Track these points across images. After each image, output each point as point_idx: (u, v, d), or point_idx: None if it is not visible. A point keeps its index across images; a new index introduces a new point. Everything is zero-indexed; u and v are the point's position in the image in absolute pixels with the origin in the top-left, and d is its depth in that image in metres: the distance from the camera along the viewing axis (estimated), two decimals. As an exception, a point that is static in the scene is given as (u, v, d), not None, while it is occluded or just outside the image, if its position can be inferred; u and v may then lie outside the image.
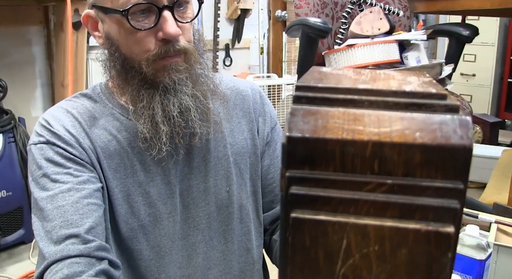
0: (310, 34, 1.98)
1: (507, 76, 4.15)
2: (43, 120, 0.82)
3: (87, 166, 0.80)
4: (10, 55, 2.55)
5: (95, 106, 0.86)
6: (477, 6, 1.86)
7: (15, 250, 2.26)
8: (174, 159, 0.84)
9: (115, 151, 0.82)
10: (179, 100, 0.80)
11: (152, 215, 0.84)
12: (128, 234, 0.83)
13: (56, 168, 0.78)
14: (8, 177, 2.19)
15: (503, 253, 0.86)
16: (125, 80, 0.82)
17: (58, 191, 0.77)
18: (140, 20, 0.77)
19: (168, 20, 0.76)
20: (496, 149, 2.83)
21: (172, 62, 0.79)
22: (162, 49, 0.77)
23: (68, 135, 0.80)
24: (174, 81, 0.79)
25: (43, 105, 2.70)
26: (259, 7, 3.64)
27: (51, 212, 0.76)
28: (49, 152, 0.79)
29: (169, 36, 0.76)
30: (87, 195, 0.77)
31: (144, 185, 0.84)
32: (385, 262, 0.32)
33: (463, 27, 2.31)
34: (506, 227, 0.96)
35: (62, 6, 2.34)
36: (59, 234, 0.74)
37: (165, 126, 0.80)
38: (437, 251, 0.31)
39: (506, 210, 1.21)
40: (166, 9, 0.76)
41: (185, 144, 0.84)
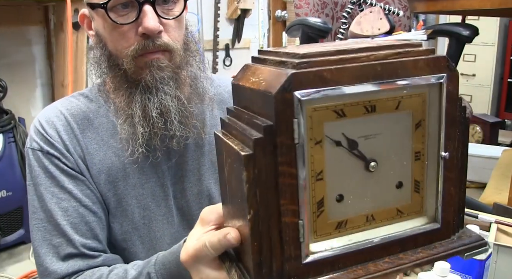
0: (310, 34, 1.98)
1: (507, 76, 4.15)
2: (38, 123, 0.84)
3: (79, 177, 0.81)
4: (10, 55, 2.55)
5: (90, 106, 0.86)
6: (477, 6, 1.86)
7: (15, 250, 2.26)
8: (169, 161, 0.84)
9: (106, 155, 0.82)
10: (160, 100, 0.77)
11: (146, 217, 0.84)
12: (122, 236, 0.84)
13: (51, 180, 0.80)
14: (8, 177, 2.19)
15: (503, 253, 0.86)
16: (112, 78, 0.82)
17: (54, 203, 0.78)
18: (122, 15, 0.75)
19: (147, 14, 0.74)
20: (496, 149, 2.82)
21: (153, 58, 0.76)
22: (141, 44, 0.75)
23: (60, 142, 0.81)
24: (155, 79, 0.77)
25: (43, 105, 2.70)
26: (259, 7, 3.64)
27: (51, 225, 0.78)
28: (44, 162, 0.80)
29: (147, 30, 0.74)
30: (82, 206, 0.79)
31: (137, 187, 0.83)
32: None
33: (463, 27, 2.30)
34: (506, 227, 0.96)
35: (62, 6, 2.34)
36: (64, 253, 0.77)
37: (142, 128, 0.78)
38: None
39: (506, 210, 1.21)
40: (147, 3, 0.75)
41: (163, 146, 0.82)
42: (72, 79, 2.39)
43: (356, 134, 0.45)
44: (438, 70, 0.46)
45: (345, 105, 0.43)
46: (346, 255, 0.46)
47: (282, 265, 0.44)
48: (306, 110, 0.42)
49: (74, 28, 2.37)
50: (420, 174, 0.49)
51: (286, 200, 0.43)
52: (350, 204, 0.47)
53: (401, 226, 0.49)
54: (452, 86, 0.47)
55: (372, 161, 0.46)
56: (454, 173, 0.49)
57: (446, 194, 0.49)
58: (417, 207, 0.50)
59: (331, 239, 0.46)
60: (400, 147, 0.48)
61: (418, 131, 0.48)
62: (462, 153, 0.50)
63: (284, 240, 0.43)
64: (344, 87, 0.43)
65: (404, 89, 0.45)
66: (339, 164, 0.45)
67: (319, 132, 0.43)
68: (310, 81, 0.41)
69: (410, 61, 0.45)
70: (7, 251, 2.24)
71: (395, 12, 2.11)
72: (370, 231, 0.48)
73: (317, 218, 0.45)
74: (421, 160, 0.48)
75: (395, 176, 0.48)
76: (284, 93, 0.40)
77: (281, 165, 0.42)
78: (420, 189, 0.49)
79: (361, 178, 0.47)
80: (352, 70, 0.43)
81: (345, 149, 0.45)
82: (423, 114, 0.47)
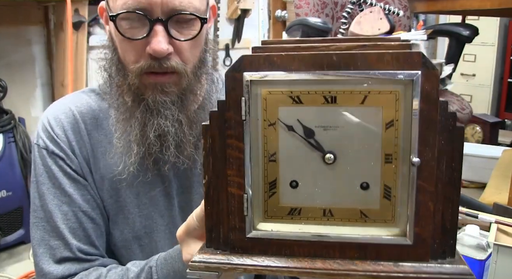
0: (310, 34, 1.98)
1: (507, 76, 4.15)
2: (46, 119, 0.82)
3: (81, 181, 0.80)
4: (10, 55, 2.55)
5: (101, 104, 0.83)
6: (477, 6, 1.86)
7: (15, 250, 2.25)
8: (176, 171, 0.81)
9: (111, 161, 0.80)
10: (159, 123, 0.74)
11: (148, 227, 0.82)
12: (122, 244, 0.83)
13: (53, 181, 0.79)
14: (8, 177, 2.19)
15: (503, 253, 0.85)
16: (117, 83, 0.79)
17: (54, 205, 0.78)
18: (134, 27, 0.71)
19: (157, 35, 0.69)
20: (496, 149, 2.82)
21: (158, 81, 0.73)
22: (147, 63, 0.72)
23: (66, 142, 0.80)
24: (157, 102, 0.73)
25: (43, 105, 2.70)
26: (259, 7, 3.64)
27: (50, 225, 0.78)
28: (48, 161, 0.79)
29: (154, 53, 0.70)
30: (81, 212, 0.79)
31: (141, 196, 0.81)
32: None
33: (463, 27, 2.30)
34: (506, 227, 0.96)
35: (62, 6, 2.34)
36: (60, 256, 0.77)
37: (137, 146, 0.75)
38: None
39: (506, 210, 1.21)
40: (158, 22, 0.69)
41: (155, 168, 0.79)
42: (72, 79, 2.38)
43: (314, 123, 0.45)
44: (409, 67, 0.42)
45: (301, 93, 0.45)
46: (294, 243, 0.46)
47: (227, 233, 0.48)
48: (260, 92, 0.45)
49: (74, 28, 2.37)
50: (391, 179, 0.45)
51: (232, 171, 0.47)
52: (305, 192, 0.47)
53: (363, 231, 0.46)
54: (429, 86, 0.42)
55: (329, 153, 0.45)
56: (432, 185, 0.44)
57: (420, 207, 0.44)
58: (387, 215, 0.46)
59: (281, 223, 0.48)
60: (366, 145, 0.45)
61: (390, 131, 0.44)
62: (448, 166, 0.44)
63: (229, 209, 0.47)
64: (293, 73, 0.44)
65: (364, 83, 0.43)
66: (294, 150, 0.46)
67: (273, 115, 0.46)
68: (260, 64, 0.44)
69: (373, 54, 0.43)
70: (7, 251, 2.24)
71: (395, 12, 2.11)
72: (326, 227, 0.47)
73: (268, 198, 0.47)
74: (393, 164, 0.45)
75: (359, 175, 0.46)
76: (234, 72, 0.45)
77: (229, 137, 0.46)
78: (391, 196, 0.45)
79: (318, 169, 0.46)
80: (303, 57, 0.44)
81: (299, 135, 0.45)
82: (396, 113, 0.44)
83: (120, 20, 0.71)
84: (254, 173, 0.46)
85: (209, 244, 0.49)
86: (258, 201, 0.48)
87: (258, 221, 0.48)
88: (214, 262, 0.48)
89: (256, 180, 0.47)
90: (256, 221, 0.48)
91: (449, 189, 0.45)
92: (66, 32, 2.33)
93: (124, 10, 0.70)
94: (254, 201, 0.47)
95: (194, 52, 0.75)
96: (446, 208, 0.45)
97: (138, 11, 0.69)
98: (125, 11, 0.70)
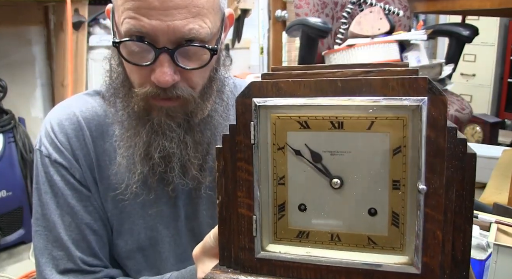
0: (310, 34, 1.98)
1: (507, 76, 4.15)
2: (49, 125, 0.79)
3: (83, 192, 0.78)
4: (10, 55, 2.55)
5: (107, 109, 0.79)
6: (477, 6, 1.86)
7: (15, 250, 2.25)
8: (183, 187, 0.78)
9: (117, 172, 0.76)
10: (164, 145, 0.71)
11: (153, 238, 0.81)
12: (126, 255, 0.82)
13: (56, 191, 0.77)
14: (8, 177, 2.19)
15: (503, 253, 0.85)
16: (122, 97, 0.75)
17: (57, 215, 0.77)
18: (139, 52, 0.67)
19: (162, 65, 0.65)
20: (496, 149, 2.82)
21: (164, 105, 0.70)
22: (153, 91, 0.68)
23: (69, 150, 0.77)
24: (162, 125, 0.71)
25: (43, 105, 2.70)
26: (259, 7, 3.64)
27: (53, 235, 0.77)
28: (50, 170, 0.77)
29: (159, 84, 0.66)
30: (83, 224, 0.77)
31: (146, 207, 0.79)
32: None
33: (463, 27, 2.30)
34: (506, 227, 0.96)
35: (62, 6, 2.34)
36: (64, 267, 0.76)
37: (141, 166, 0.73)
38: None
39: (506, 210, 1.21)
40: (164, 52, 0.64)
41: (158, 188, 0.77)
42: (72, 79, 2.38)
43: (321, 148, 0.46)
44: (415, 93, 0.42)
45: (309, 118, 0.46)
46: (301, 266, 0.47)
47: (238, 253, 0.49)
48: (269, 117, 0.47)
49: (74, 28, 2.37)
50: (399, 205, 0.44)
51: (242, 193, 0.48)
52: (313, 216, 0.47)
53: (371, 257, 0.46)
54: (436, 112, 0.41)
55: (336, 178, 0.46)
56: (440, 214, 0.43)
57: (428, 236, 0.43)
58: (396, 242, 0.45)
59: (289, 245, 0.48)
60: (373, 170, 0.45)
61: (397, 158, 0.44)
62: (458, 195, 0.43)
63: (240, 229, 0.48)
64: (299, 99, 0.45)
65: (370, 109, 0.43)
66: (302, 174, 0.47)
67: (282, 139, 0.47)
68: (267, 91, 0.46)
69: (378, 80, 0.43)
70: (7, 251, 2.24)
71: (395, 12, 2.11)
72: (334, 251, 0.47)
73: (277, 220, 0.48)
74: (400, 190, 0.44)
75: (366, 201, 0.45)
76: (244, 98, 0.47)
77: (239, 160, 0.47)
78: (399, 223, 0.45)
79: (325, 193, 0.46)
80: (309, 83, 0.45)
81: (306, 160, 0.46)
82: (403, 139, 0.43)
83: (125, 43, 0.67)
84: (263, 196, 0.48)
85: (222, 263, 0.51)
86: (267, 223, 0.49)
87: (267, 243, 0.49)
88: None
89: (265, 202, 0.48)
90: (265, 242, 0.49)
91: (459, 219, 0.44)
92: (66, 32, 2.33)
93: (127, 36, 0.65)
94: (263, 223, 0.48)
95: (204, 75, 0.72)
96: (457, 238, 0.44)
97: (142, 36, 0.64)
98: (128, 40, 0.65)
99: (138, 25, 0.63)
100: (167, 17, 0.62)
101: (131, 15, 0.63)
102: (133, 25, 0.63)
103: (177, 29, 0.63)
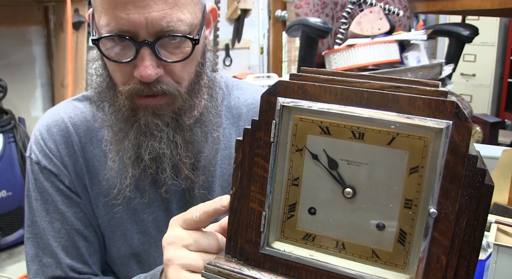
0: (310, 34, 1.98)
1: (507, 76, 4.15)
2: (39, 131, 0.79)
3: (73, 198, 0.77)
4: (10, 55, 2.55)
5: (96, 113, 0.78)
6: (477, 6, 1.86)
7: (15, 250, 2.26)
8: (176, 188, 0.77)
9: (108, 177, 0.75)
10: (153, 146, 0.70)
11: (146, 243, 0.80)
12: (120, 261, 0.81)
13: (46, 197, 0.77)
14: (8, 177, 2.19)
15: (503, 253, 0.85)
16: (109, 101, 0.74)
17: (47, 222, 0.77)
18: (119, 49, 0.66)
19: (144, 60, 0.64)
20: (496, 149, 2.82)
21: (150, 104, 0.68)
22: (136, 87, 0.67)
23: (58, 156, 0.77)
24: (149, 125, 0.69)
25: (43, 105, 2.70)
26: (259, 7, 3.64)
27: (44, 242, 0.77)
28: (40, 177, 0.77)
29: (142, 79, 0.65)
30: (73, 230, 0.77)
31: (138, 212, 0.79)
32: None
33: (463, 27, 2.31)
34: (506, 227, 0.96)
35: (62, 6, 2.34)
36: (52, 275, 0.76)
37: (132, 169, 0.72)
38: None
39: (506, 210, 1.21)
40: (145, 46, 0.64)
41: (152, 190, 0.76)
42: (72, 79, 2.39)
43: (339, 155, 0.46)
44: (441, 115, 0.41)
45: (330, 124, 0.45)
46: (303, 267, 0.47)
47: (244, 245, 0.50)
48: (292, 118, 0.47)
49: (74, 28, 2.37)
50: (408, 225, 0.44)
51: (256, 188, 0.48)
52: (321, 221, 0.48)
53: (372, 270, 0.45)
54: (459, 138, 0.41)
55: (349, 187, 0.46)
56: (447, 240, 0.42)
57: (432, 259, 0.43)
58: (399, 260, 0.45)
59: (294, 246, 0.49)
60: (387, 186, 0.44)
61: (413, 177, 0.43)
62: (469, 224, 0.42)
63: (249, 223, 0.49)
64: (324, 104, 0.45)
65: (392, 124, 0.43)
66: (316, 178, 0.47)
67: (301, 141, 0.47)
68: (293, 91, 0.46)
69: (405, 97, 0.42)
70: (7, 251, 2.24)
71: (395, 12, 2.11)
72: (337, 259, 0.47)
73: (286, 219, 0.49)
74: (412, 210, 0.44)
75: (376, 215, 0.45)
76: (269, 96, 0.47)
77: (257, 156, 0.48)
78: (405, 242, 0.45)
79: (336, 201, 0.46)
80: (335, 90, 0.45)
81: (322, 165, 0.46)
82: (422, 160, 0.43)
83: (105, 40, 0.66)
84: (275, 193, 0.48)
85: (228, 251, 0.52)
86: (276, 220, 0.49)
87: (273, 239, 0.49)
88: (227, 269, 0.50)
89: (276, 200, 0.49)
90: (271, 239, 0.49)
91: (466, 247, 0.43)
92: (66, 32, 2.33)
93: (107, 33, 0.64)
94: (272, 220, 0.49)
95: (188, 69, 0.70)
96: (461, 266, 0.43)
97: (122, 34, 0.64)
98: (108, 35, 0.64)
99: (118, 24, 0.63)
100: (144, 9, 0.62)
101: (109, 13, 0.63)
102: (113, 26, 0.64)
103: (155, 21, 0.63)
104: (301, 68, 0.49)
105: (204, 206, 0.55)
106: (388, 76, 0.45)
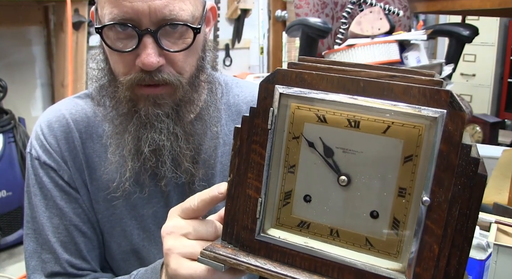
0: (310, 34, 1.98)
1: (507, 76, 4.15)
2: (39, 127, 0.79)
3: (72, 194, 0.78)
4: (10, 55, 2.55)
5: (97, 109, 0.79)
6: (477, 6, 1.86)
7: (15, 250, 2.26)
8: (176, 181, 0.77)
9: (108, 171, 0.75)
10: (153, 137, 0.70)
11: (146, 239, 0.80)
12: (120, 257, 0.81)
13: (45, 193, 0.77)
14: (8, 177, 2.19)
15: (503, 253, 0.85)
16: (110, 95, 0.74)
17: (46, 218, 0.77)
18: (122, 38, 0.67)
19: (146, 48, 0.65)
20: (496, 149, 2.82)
21: (151, 93, 0.69)
22: (138, 76, 0.67)
23: (58, 151, 0.77)
24: (150, 115, 0.69)
25: (43, 105, 2.70)
26: (259, 7, 3.64)
27: (42, 238, 0.77)
28: (40, 172, 0.77)
29: (144, 67, 0.66)
30: (72, 225, 0.77)
31: (138, 207, 0.79)
32: None
33: (463, 27, 2.30)
34: (506, 227, 0.96)
35: (62, 6, 2.34)
36: (51, 270, 0.76)
37: (132, 162, 0.72)
38: None
39: (506, 210, 1.21)
40: (147, 34, 0.65)
41: (152, 184, 0.76)
42: (72, 79, 2.39)
43: (335, 143, 0.46)
44: (436, 104, 0.41)
45: (327, 112, 0.46)
46: (297, 254, 0.48)
47: (240, 231, 0.50)
48: (289, 105, 0.47)
49: (74, 28, 2.38)
50: (401, 213, 0.44)
51: (253, 174, 0.49)
52: (316, 209, 0.48)
53: (365, 258, 0.46)
54: (452, 127, 0.41)
55: (344, 175, 0.46)
56: (440, 229, 0.42)
57: (424, 248, 0.43)
58: (392, 248, 0.45)
59: (289, 233, 0.50)
60: (382, 174, 0.45)
61: (407, 166, 0.43)
62: (462, 213, 0.42)
63: (245, 209, 0.50)
64: (320, 93, 0.45)
65: (387, 113, 0.43)
66: (312, 166, 0.48)
67: (298, 129, 0.48)
68: (291, 79, 0.47)
69: (401, 86, 0.42)
70: (7, 251, 2.24)
71: (395, 12, 2.11)
72: (331, 246, 0.47)
73: (282, 206, 0.50)
74: (405, 198, 0.44)
75: (370, 203, 0.45)
76: (268, 83, 0.48)
77: (254, 143, 0.49)
78: (399, 230, 0.45)
79: (331, 188, 0.47)
80: (332, 79, 0.45)
81: (318, 153, 0.47)
82: (417, 149, 0.43)
83: (108, 30, 0.67)
84: (271, 181, 0.49)
85: (224, 237, 0.52)
86: (272, 207, 0.50)
87: (268, 226, 0.50)
88: (223, 254, 0.50)
89: (273, 187, 0.49)
90: (266, 226, 0.50)
91: (459, 237, 0.43)
92: (66, 32, 2.33)
93: (110, 21, 0.66)
94: (268, 207, 0.49)
95: (190, 61, 0.71)
96: (453, 256, 0.43)
97: (125, 22, 0.65)
98: (111, 23, 0.66)
99: (121, 11, 0.64)
100: None
101: (113, 2, 0.65)
102: (116, 14, 0.65)
103: (158, 9, 0.64)
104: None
105: (201, 194, 0.56)
106: (381, 66, 0.46)
